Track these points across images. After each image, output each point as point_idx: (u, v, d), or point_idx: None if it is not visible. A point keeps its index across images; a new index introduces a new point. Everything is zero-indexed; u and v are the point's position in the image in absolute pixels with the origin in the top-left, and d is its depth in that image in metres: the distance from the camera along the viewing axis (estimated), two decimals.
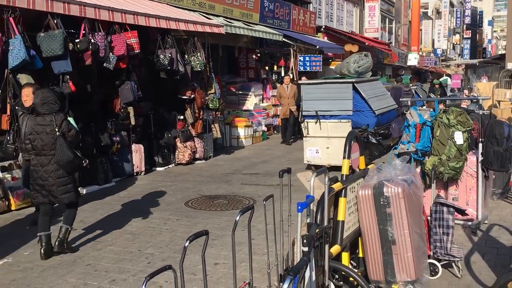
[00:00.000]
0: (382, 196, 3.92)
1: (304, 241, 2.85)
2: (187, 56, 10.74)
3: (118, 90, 9.34)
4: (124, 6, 9.04)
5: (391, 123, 10.53)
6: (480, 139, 5.97)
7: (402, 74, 30.09)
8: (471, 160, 6.02)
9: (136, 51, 9.20)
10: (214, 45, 12.76)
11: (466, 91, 19.53)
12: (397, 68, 33.40)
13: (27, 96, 6.47)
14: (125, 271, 5.07)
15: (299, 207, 3.17)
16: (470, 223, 6.02)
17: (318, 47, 18.18)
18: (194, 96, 10.94)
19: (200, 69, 10.88)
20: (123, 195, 8.32)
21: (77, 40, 8.05)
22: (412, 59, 35.67)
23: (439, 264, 4.65)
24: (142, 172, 10.01)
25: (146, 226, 6.62)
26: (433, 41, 44.69)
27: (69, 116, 8.11)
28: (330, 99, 9.73)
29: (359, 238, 4.22)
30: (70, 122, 5.65)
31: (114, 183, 9.12)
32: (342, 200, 3.96)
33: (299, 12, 18.74)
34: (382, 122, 10.16)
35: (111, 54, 8.54)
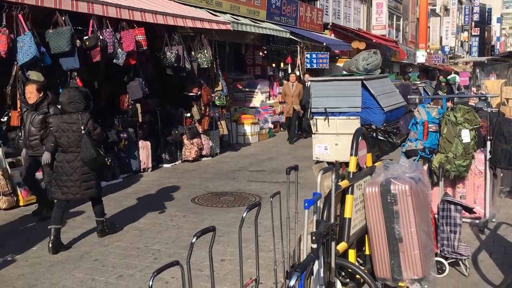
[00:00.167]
0: (389, 194, 3.91)
1: (313, 238, 2.85)
2: (194, 53, 10.75)
3: (125, 87, 9.37)
4: (131, 3, 9.06)
5: (399, 120, 10.54)
6: (488, 137, 5.94)
7: (409, 71, 29.99)
8: (479, 158, 6.00)
9: (143, 48, 9.21)
10: (221, 42, 12.76)
11: (474, 88, 19.39)
12: (404, 65, 33.25)
13: (31, 93, 6.51)
14: (132, 267, 5.09)
15: (306, 204, 3.16)
16: (477, 221, 6.00)
17: (325, 44, 18.15)
18: (200, 93, 10.95)
19: (207, 66, 10.89)
20: (130, 192, 8.35)
21: (85, 37, 8.08)
22: (420, 57, 35.51)
23: (446, 262, 4.63)
24: (149, 168, 10.03)
25: (153, 222, 6.65)
26: (441, 38, 44.42)
27: None
28: (339, 96, 9.75)
29: (366, 236, 4.21)
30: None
31: (121, 179, 9.15)
32: (349, 198, 3.94)
33: (306, 9, 18.70)
34: (391, 119, 10.19)
35: (120, 50, 8.56)
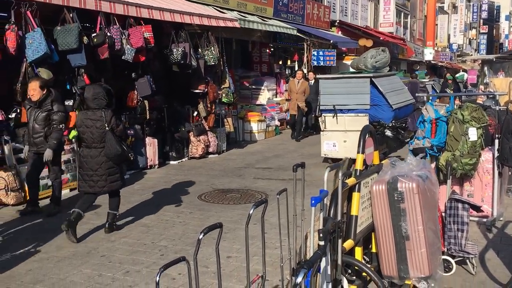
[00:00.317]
0: (396, 192, 3.91)
1: (321, 235, 2.85)
2: (200, 50, 10.75)
3: (133, 84, 9.38)
4: (139, 0, 9.07)
5: (407, 117, 10.63)
6: (496, 135, 5.90)
7: (417, 69, 29.87)
8: (487, 156, 5.97)
9: (151, 45, 9.21)
10: (227, 39, 12.75)
11: (482, 86, 19.30)
12: (412, 63, 33.11)
13: (34, 90, 6.51)
14: (138, 263, 5.11)
15: (313, 201, 3.16)
16: (485, 219, 5.97)
17: (332, 41, 18.10)
18: (207, 90, 10.95)
19: (213, 63, 10.89)
20: (137, 188, 8.37)
21: (93, 34, 8.10)
22: (427, 54, 35.33)
23: (453, 261, 4.62)
24: (155, 165, 10.06)
25: (159, 218, 6.67)
26: (448, 36, 44.18)
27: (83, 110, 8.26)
28: (348, 94, 9.87)
29: (372, 233, 4.21)
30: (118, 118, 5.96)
31: (128, 176, 9.15)
32: (355, 195, 3.95)
33: (313, 6, 18.66)
34: (399, 116, 10.27)
35: (128, 46, 8.56)
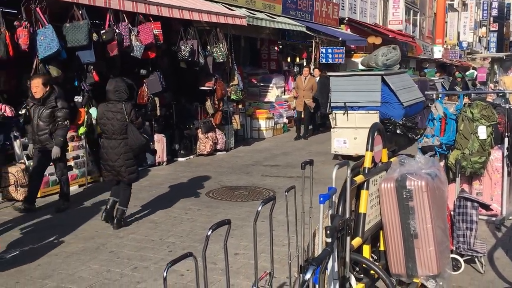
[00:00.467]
0: (405, 190, 3.89)
1: (328, 232, 2.84)
2: (209, 47, 10.75)
3: (142, 81, 9.39)
4: None
5: (417, 114, 10.69)
6: (506, 134, 5.87)
7: (426, 67, 29.71)
8: (497, 155, 5.93)
9: (160, 42, 9.22)
10: (236, 36, 12.74)
11: (492, 84, 19.16)
12: (421, 61, 32.95)
13: (37, 87, 6.48)
14: (146, 259, 5.13)
15: (321, 199, 3.16)
16: (494, 218, 5.95)
17: (340, 39, 18.05)
18: (215, 87, 10.95)
19: (222, 60, 10.90)
20: (145, 185, 8.39)
21: (102, 31, 8.12)
22: (437, 52, 35.15)
23: (461, 259, 4.60)
24: (164, 162, 10.08)
25: (167, 215, 6.69)
26: (458, 33, 43.90)
27: (92, 107, 8.29)
28: (359, 91, 9.95)
29: (381, 231, 4.20)
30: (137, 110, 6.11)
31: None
32: (364, 193, 3.93)
33: (322, 4, 18.60)
34: (410, 114, 10.32)
35: (137, 43, 8.57)
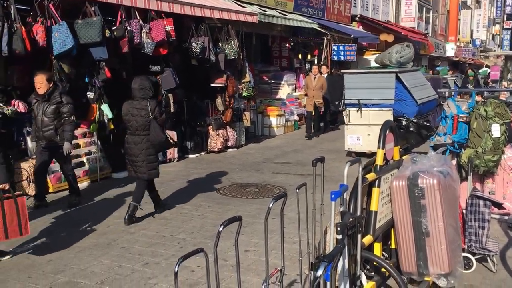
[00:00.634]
0: (417, 187, 3.87)
1: (338, 228, 2.84)
2: (221, 44, 10.76)
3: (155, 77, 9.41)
4: None
5: (430, 112, 10.70)
6: None
7: (438, 65, 29.50)
8: (510, 153, 5.88)
9: (172, 39, 9.23)
10: (247, 33, 12.73)
11: (505, 83, 18.97)
12: (433, 59, 32.71)
13: (41, 83, 6.49)
14: (157, 255, 5.15)
15: (332, 196, 3.16)
16: (506, 217, 5.90)
17: (352, 36, 17.96)
18: (226, 84, 10.96)
19: (233, 57, 10.90)
20: (156, 181, 8.37)
21: (113, 28, 8.16)
22: (449, 50, 34.87)
23: (473, 258, 4.58)
24: (175, 159, 10.12)
25: (178, 211, 6.71)
26: (471, 31, 43.51)
27: (103, 103, 8.34)
28: (373, 88, 10.01)
29: (392, 229, 4.19)
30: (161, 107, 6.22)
31: None
32: (375, 191, 3.92)
33: (334, 1, 18.53)
34: (423, 111, 10.32)
35: (148, 40, 8.60)
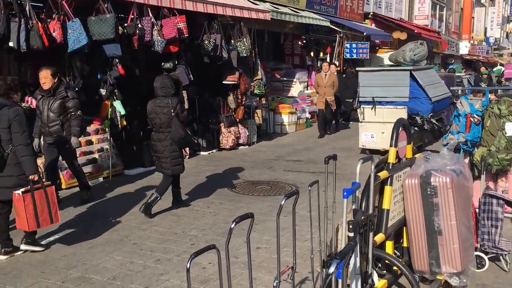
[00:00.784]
0: (430, 186, 3.86)
1: (350, 226, 2.84)
2: (233, 41, 10.76)
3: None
4: None
5: (444, 110, 10.70)
6: None
7: (451, 63, 29.26)
8: None
9: (184, 36, 9.24)
10: (260, 31, 12.72)
11: None
12: (446, 57, 32.46)
13: (46, 78, 6.46)
14: (169, 251, 5.18)
15: (345, 193, 3.15)
16: None
17: (365, 34, 17.87)
18: (238, 82, 10.96)
19: (246, 54, 10.90)
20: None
21: (125, 25, 8.19)
22: (463, 48, 34.57)
23: (486, 257, 4.55)
24: (186, 156, 10.14)
25: (190, 208, 6.74)
26: (485, 29, 43.08)
27: (116, 100, 8.39)
28: (387, 86, 10.09)
29: (404, 228, 4.17)
30: (184, 104, 6.43)
31: None
32: (387, 189, 3.91)
33: None
34: (437, 109, 10.38)
35: (159, 38, 8.62)
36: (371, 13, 21.34)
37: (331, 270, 2.22)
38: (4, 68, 8.18)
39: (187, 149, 10.14)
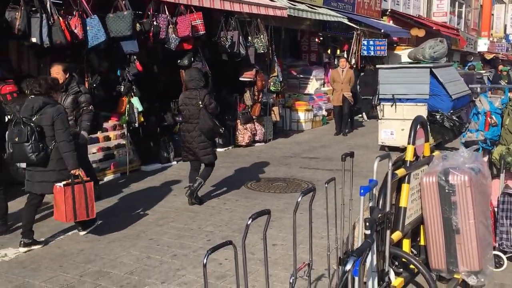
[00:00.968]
0: (448, 184, 3.83)
1: (367, 224, 2.83)
2: (250, 38, 10.76)
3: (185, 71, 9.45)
4: None
5: (463, 108, 10.68)
6: None
7: (470, 60, 28.91)
8: None
9: (201, 33, 9.25)
10: (276, 27, 12.70)
11: None
12: (465, 54, 32.09)
13: (57, 73, 6.44)
14: (186, 247, 5.21)
15: (362, 191, 3.14)
16: None
17: (383, 31, 17.75)
18: (255, 79, 10.95)
19: (263, 51, 10.89)
20: (184, 174, 8.46)
21: (140, 21, 8.22)
22: (482, 45, 34.16)
23: (504, 257, 4.50)
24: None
25: (206, 205, 6.76)
26: (505, 26, 42.46)
27: (134, 96, 8.44)
28: (407, 83, 10.17)
29: (421, 226, 4.14)
30: (212, 96, 6.67)
31: (175, 162, 9.33)
32: (405, 186, 3.89)
33: None
34: (457, 107, 10.43)
35: (173, 35, 8.65)
36: (389, 10, 21.18)
37: (348, 267, 2.22)
38: (24, 64, 8.30)
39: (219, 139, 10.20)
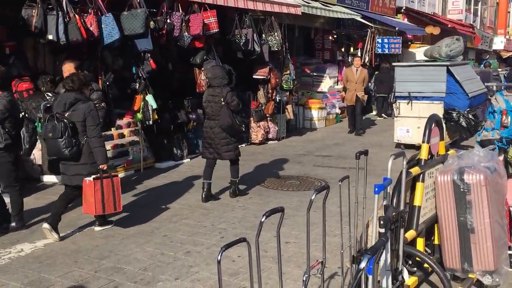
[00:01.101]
0: (463, 183, 3.80)
1: (381, 222, 2.82)
2: (264, 35, 10.75)
3: (200, 69, 9.46)
4: None
5: (480, 106, 10.63)
6: None
7: (486, 58, 28.62)
8: None
9: (214, 30, 9.26)
10: (290, 25, 12.68)
11: None
12: (480, 52, 31.77)
13: (69, 71, 6.50)
14: (199, 244, 5.23)
15: (376, 189, 3.13)
16: None
17: (397, 28, 17.63)
18: (269, 76, 10.94)
19: (277, 49, 10.89)
20: (197, 172, 8.49)
21: (154, 19, 8.25)
22: (498, 43, 33.78)
23: None
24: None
25: (219, 202, 6.78)
26: None
27: (148, 94, 8.48)
28: (423, 81, 10.15)
29: (435, 225, 4.12)
30: (234, 94, 6.72)
31: (188, 159, 9.37)
32: (419, 185, 3.87)
33: None
34: (474, 105, 10.38)
35: (186, 33, 8.66)
36: (404, 7, 21.03)
37: (362, 265, 2.22)
38: (40, 61, 8.38)
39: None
